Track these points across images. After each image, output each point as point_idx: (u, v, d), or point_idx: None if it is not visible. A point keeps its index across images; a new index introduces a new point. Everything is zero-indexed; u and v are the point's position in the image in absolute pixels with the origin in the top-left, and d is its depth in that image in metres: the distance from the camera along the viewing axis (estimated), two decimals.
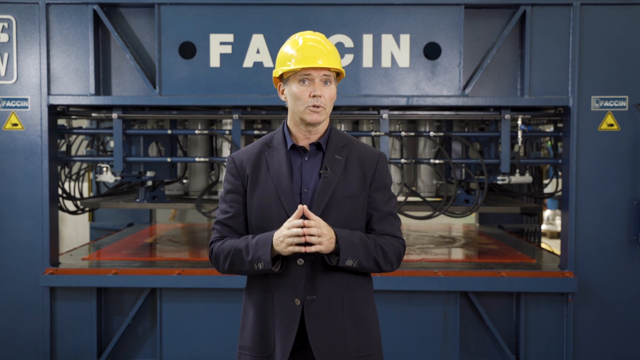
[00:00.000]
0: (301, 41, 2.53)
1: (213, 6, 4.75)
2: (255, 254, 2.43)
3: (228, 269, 2.54)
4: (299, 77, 2.49)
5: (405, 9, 4.75)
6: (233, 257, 2.50)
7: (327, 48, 2.53)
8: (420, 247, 5.92)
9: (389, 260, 2.54)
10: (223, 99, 4.82)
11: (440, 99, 4.79)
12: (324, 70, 2.48)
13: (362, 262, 2.47)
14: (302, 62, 2.47)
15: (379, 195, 2.58)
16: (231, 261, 2.51)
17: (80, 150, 6.70)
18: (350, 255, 2.43)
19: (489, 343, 4.88)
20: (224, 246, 2.53)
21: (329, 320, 2.50)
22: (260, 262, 2.43)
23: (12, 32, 4.77)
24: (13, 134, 4.82)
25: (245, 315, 2.61)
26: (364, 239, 2.48)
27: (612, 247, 4.75)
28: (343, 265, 2.44)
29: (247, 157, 2.58)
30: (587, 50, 4.68)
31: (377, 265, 2.51)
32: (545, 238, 11.34)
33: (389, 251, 2.53)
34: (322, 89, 2.49)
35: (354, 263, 2.45)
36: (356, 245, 2.45)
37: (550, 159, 5.95)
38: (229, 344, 4.74)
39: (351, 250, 2.43)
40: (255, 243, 2.45)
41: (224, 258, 2.52)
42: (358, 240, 2.46)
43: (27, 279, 4.83)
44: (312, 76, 2.48)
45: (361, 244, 2.47)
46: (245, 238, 2.50)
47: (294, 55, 2.50)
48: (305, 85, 2.48)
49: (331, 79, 2.52)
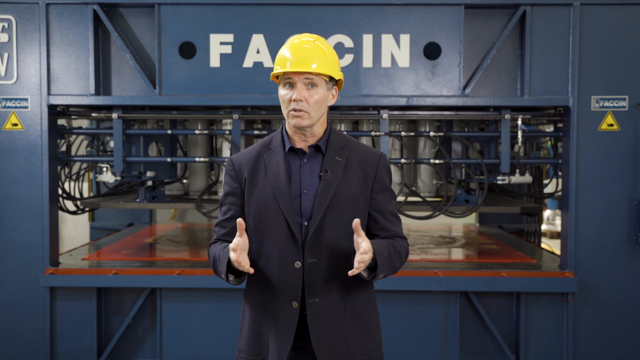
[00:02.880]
0: (290, 43, 2.50)
1: (213, 6, 4.75)
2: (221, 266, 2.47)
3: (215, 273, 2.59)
4: (284, 81, 2.47)
5: (405, 9, 4.75)
6: (214, 264, 2.55)
7: (316, 51, 2.46)
8: (420, 247, 5.91)
9: (403, 264, 2.59)
10: (223, 99, 4.82)
11: (440, 99, 4.79)
12: (304, 74, 2.43)
13: (387, 273, 2.49)
14: (282, 65, 2.45)
15: (382, 197, 2.57)
16: (213, 268, 2.57)
17: (80, 150, 6.70)
18: (383, 270, 2.44)
19: (489, 343, 4.89)
20: (213, 250, 2.58)
21: (332, 322, 2.49)
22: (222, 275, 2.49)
23: (12, 32, 4.77)
24: (13, 134, 4.82)
25: (243, 318, 2.62)
26: (390, 251, 2.48)
27: (612, 247, 4.75)
28: (376, 280, 2.47)
29: (246, 160, 2.56)
30: (587, 50, 4.69)
31: (394, 272, 2.54)
32: (545, 238, 11.33)
33: (403, 255, 2.57)
34: (302, 92, 2.43)
35: (383, 276, 2.48)
36: (386, 261, 2.45)
37: (550, 159, 5.95)
38: (229, 344, 4.74)
39: (384, 265, 2.43)
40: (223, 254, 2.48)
41: (211, 262, 2.58)
42: (388, 255, 2.46)
43: (27, 279, 4.83)
44: (294, 80, 2.44)
45: (389, 257, 2.46)
46: (219, 248, 2.53)
47: (284, 57, 2.47)
48: (288, 89, 2.46)
49: (316, 81, 2.44)
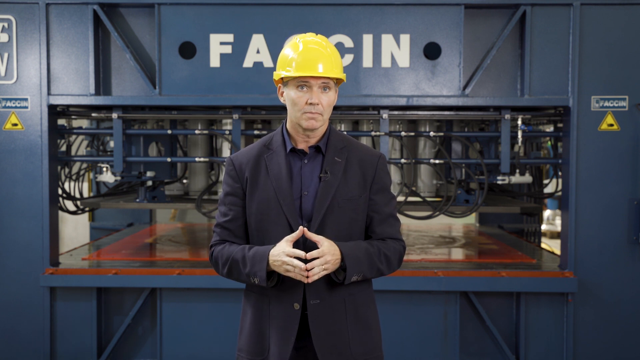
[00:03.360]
0: (302, 45, 2.49)
1: (213, 6, 4.75)
2: (252, 268, 2.43)
3: (227, 275, 2.54)
4: (297, 83, 2.46)
5: (405, 9, 4.75)
6: (231, 267, 2.50)
7: (328, 53, 2.48)
8: (420, 247, 5.91)
9: (392, 266, 2.56)
10: (223, 99, 4.82)
11: (440, 99, 4.79)
12: (322, 78, 2.45)
13: (366, 275, 2.49)
14: (301, 69, 2.44)
15: (380, 198, 2.56)
16: (229, 270, 2.51)
17: (80, 150, 6.70)
18: (356, 272, 2.44)
19: (489, 343, 4.88)
20: (222, 252, 2.52)
21: (333, 323, 2.50)
22: (256, 278, 2.43)
23: (12, 32, 4.77)
24: (13, 134, 4.82)
25: (244, 317, 2.61)
26: (368, 251, 2.47)
27: (612, 247, 4.75)
28: (348, 282, 2.45)
29: (247, 160, 2.55)
30: (587, 50, 4.69)
31: (380, 273, 2.54)
32: (545, 238, 11.33)
33: (391, 256, 2.54)
34: (319, 96, 2.45)
35: (358, 277, 2.46)
36: (361, 260, 2.45)
37: (550, 159, 5.95)
38: (229, 344, 4.74)
39: (357, 267, 2.44)
40: (252, 257, 2.44)
41: (222, 265, 2.52)
42: (363, 254, 2.46)
43: (27, 279, 4.83)
44: (310, 83, 2.45)
45: (366, 257, 2.46)
46: (242, 249, 2.49)
47: (295, 59, 2.46)
48: (302, 92, 2.45)
49: (330, 85, 2.48)
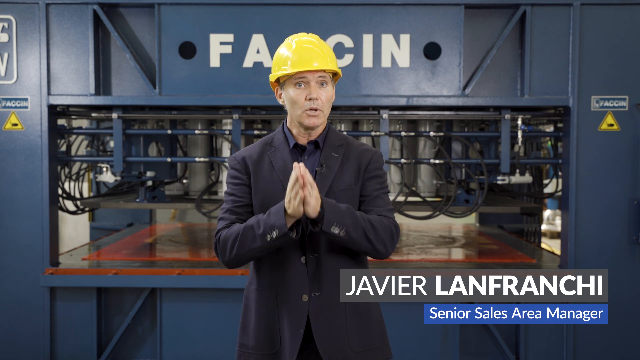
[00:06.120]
0: (295, 44, 2.52)
1: (213, 6, 4.76)
2: (268, 223, 2.36)
3: (236, 252, 2.44)
4: (295, 81, 2.48)
5: (405, 9, 4.75)
6: (243, 235, 2.42)
7: (322, 49, 2.51)
8: (420, 247, 5.91)
9: (380, 237, 2.44)
10: (223, 99, 4.82)
11: (440, 99, 4.79)
12: (319, 72, 2.47)
13: (350, 231, 2.37)
14: (297, 65, 2.46)
15: (371, 183, 2.55)
16: (241, 241, 2.42)
17: (80, 150, 6.70)
18: (336, 222, 2.35)
19: (489, 343, 4.88)
20: (232, 230, 2.45)
21: (332, 315, 2.51)
22: (275, 230, 2.35)
23: (12, 32, 4.77)
24: (13, 134, 4.82)
25: (247, 313, 2.60)
26: (351, 209, 2.42)
27: (612, 247, 4.75)
28: (328, 230, 2.35)
29: (249, 155, 2.58)
30: (587, 50, 4.68)
31: (367, 239, 2.41)
32: (545, 238, 11.33)
33: (378, 227, 2.44)
34: (318, 91, 2.47)
35: (341, 231, 2.36)
36: (343, 213, 2.38)
37: (550, 159, 5.95)
38: (229, 344, 4.73)
39: (336, 216, 2.35)
40: (267, 214, 2.39)
41: (233, 240, 2.44)
42: (345, 208, 2.40)
43: (27, 279, 4.83)
44: (308, 79, 2.47)
45: (348, 212, 2.39)
46: (255, 217, 2.44)
47: (289, 57, 2.48)
48: (301, 89, 2.47)
49: (327, 80, 2.50)
